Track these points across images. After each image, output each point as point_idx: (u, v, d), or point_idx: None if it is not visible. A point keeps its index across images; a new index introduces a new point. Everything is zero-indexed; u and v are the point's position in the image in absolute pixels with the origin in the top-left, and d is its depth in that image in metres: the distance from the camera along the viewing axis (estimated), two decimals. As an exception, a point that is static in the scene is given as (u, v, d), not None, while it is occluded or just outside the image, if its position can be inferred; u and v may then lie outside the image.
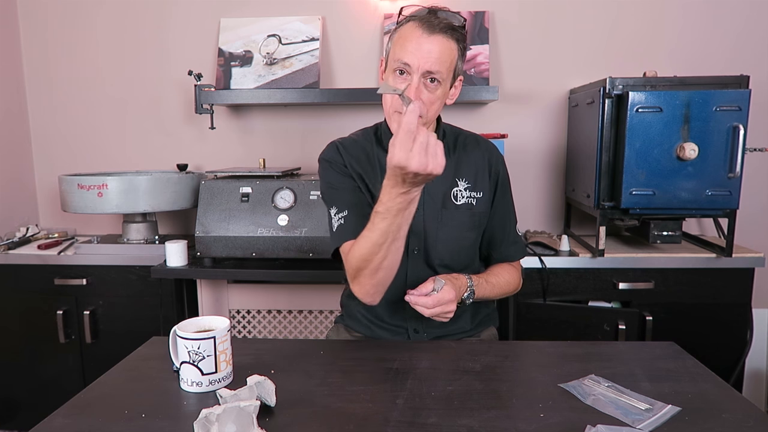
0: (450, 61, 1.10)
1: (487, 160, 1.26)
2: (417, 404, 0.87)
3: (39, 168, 2.41)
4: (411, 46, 1.07)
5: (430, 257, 1.21)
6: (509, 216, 1.31)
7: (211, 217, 1.85)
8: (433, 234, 1.20)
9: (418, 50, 1.07)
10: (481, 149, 1.27)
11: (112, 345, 1.99)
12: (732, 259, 1.81)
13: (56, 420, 0.83)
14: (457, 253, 1.23)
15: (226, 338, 0.94)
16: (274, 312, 2.03)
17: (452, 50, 1.10)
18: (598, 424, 0.79)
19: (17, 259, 2.00)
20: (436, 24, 1.08)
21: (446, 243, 1.21)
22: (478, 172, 1.25)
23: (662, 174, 1.70)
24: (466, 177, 1.24)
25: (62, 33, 2.30)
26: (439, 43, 1.07)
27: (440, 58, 1.08)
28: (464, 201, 1.23)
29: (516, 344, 1.28)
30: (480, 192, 1.24)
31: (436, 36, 1.07)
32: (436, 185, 1.21)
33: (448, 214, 1.22)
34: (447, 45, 1.08)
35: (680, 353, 1.08)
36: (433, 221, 1.21)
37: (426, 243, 1.20)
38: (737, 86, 1.73)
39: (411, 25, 1.09)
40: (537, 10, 2.18)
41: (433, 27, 1.07)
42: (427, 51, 1.07)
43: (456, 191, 1.23)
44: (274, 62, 2.17)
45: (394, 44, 1.12)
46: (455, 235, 1.22)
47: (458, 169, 1.24)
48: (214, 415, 0.74)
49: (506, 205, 1.30)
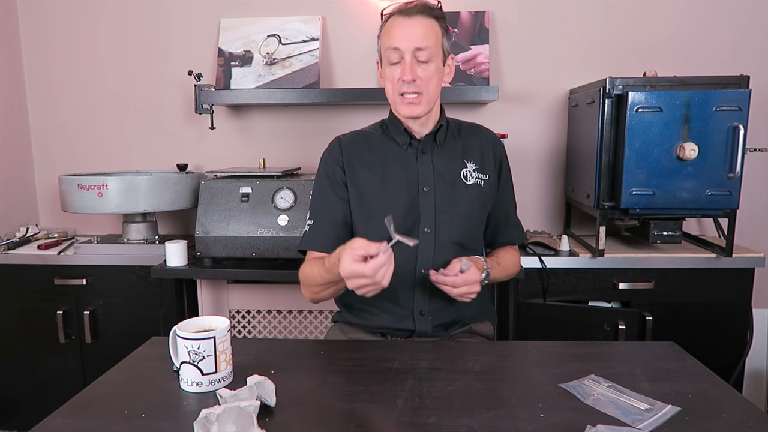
0: (435, 38, 1.19)
1: (491, 146, 1.33)
2: (417, 404, 0.87)
3: (39, 168, 2.41)
4: (396, 32, 1.18)
5: (441, 236, 1.25)
6: (512, 201, 1.40)
7: (211, 217, 1.85)
8: (445, 213, 1.25)
9: (402, 33, 1.17)
10: (484, 136, 1.35)
11: (112, 345, 1.99)
12: (732, 259, 1.81)
13: (56, 420, 0.83)
14: (468, 232, 1.28)
15: (226, 338, 0.94)
16: (274, 312, 2.03)
17: (434, 27, 1.19)
18: (598, 424, 0.79)
19: (17, 259, 2.00)
20: (413, 8, 1.18)
21: (459, 221, 1.26)
22: (484, 155, 1.31)
23: (662, 174, 1.70)
24: (473, 159, 1.30)
25: (62, 33, 2.30)
26: (420, 22, 1.17)
27: (425, 34, 1.17)
28: (474, 181, 1.28)
29: (516, 344, 1.29)
30: (486, 174, 1.30)
31: (415, 17, 1.18)
32: (447, 167, 1.27)
33: (459, 193, 1.26)
34: (428, 22, 1.18)
35: (680, 353, 1.08)
36: (444, 201, 1.25)
37: (437, 222, 1.24)
38: (737, 86, 1.73)
39: (393, 18, 1.21)
40: (537, 10, 2.18)
41: (411, 11, 1.18)
42: (410, 31, 1.17)
43: (465, 172, 1.28)
44: (274, 62, 2.17)
45: (382, 39, 1.22)
46: (467, 213, 1.27)
47: (465, 152, 1.30)
48: (214, 415, 0.74)
49: (509, 192, 1.38)
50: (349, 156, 1.28)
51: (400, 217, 1.22)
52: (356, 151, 1.29)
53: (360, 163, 1.27)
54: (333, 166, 1.29)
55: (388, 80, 1.22)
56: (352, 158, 1.28)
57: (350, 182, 1.27)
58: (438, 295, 1.22)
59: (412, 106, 1.20)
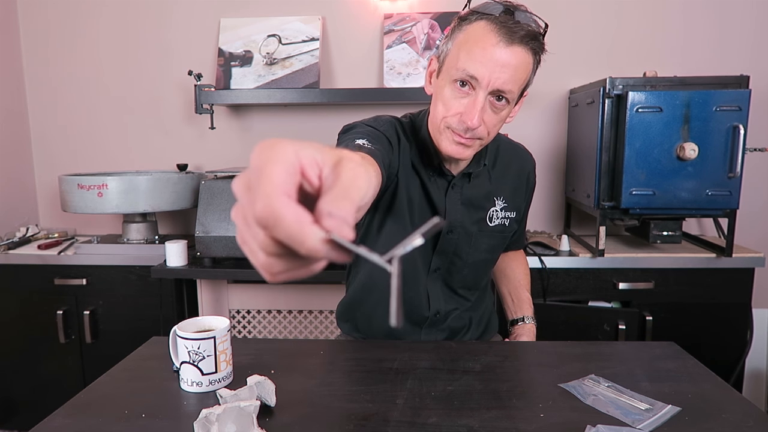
0: (524, 78, 0.94)
1: (526, 177, 1.19)
2: (417, 404, 0.87)
3: (39, 168, 2.41)
4: (482, 57, 0.89)
5: (452, 279, 1.15)
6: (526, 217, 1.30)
7: (211, 217, 1.85)
8: (462, 258, 1.12)
9: (490, 63, 0.89)
10: (521, 164, 1.18)
11: (112, 345, 1.99)
12: (732, 259, 1.81)
13: (56, 420, 0.83)
14: (481, 275, 1.19)
15: (226, 338, 0.93)
16: (274, 312, 2.03)
17: (529, 64, 0.93)
18: (598, 424, 0.79)
19: (17, 259, 2.00)
20: (516, 31, 0.89)
21: (474, 267, 1.15)
22: (516, 190, 1.17)
23: (662, 174, 1.70)
24: (503, 196, 1.14)
25: (62, 33, 2.30)
26: (517, 57, 0.90)
27: (515, 75, 0.91)
28: (498, 222, 1.14)
29: (516, 344, 1.28)
30: (514, 212, 1.16)
31: (515, 47, 0.89)
32: (475, 206, 1.11)
33: (481, 238, 1.13)
34: (525, 59, 0.91)
35: (680, 353, 1.08)
36: (465, 245, 1.12)
37: (452, 265, 1.13)
38: (737, 86, 1.73)
39: (483, 26, 0.90)
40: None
41: (513, 35, 0.89)
42: (501, 65, 0.89)
43: (492, 212, 1.13)
44: (274, 62, 2.17)
45: (459, 47, 0.92)
46: (484, 257, 1.16)
47: (496, 187, 1.14)
48: (214, 415, 0.74)
49: (527, 210, 1.27)
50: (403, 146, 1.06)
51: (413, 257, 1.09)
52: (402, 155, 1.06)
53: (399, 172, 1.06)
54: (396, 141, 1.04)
55: (443, 103, 0.95)
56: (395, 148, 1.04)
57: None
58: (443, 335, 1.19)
59: (460, 148, 0.97)
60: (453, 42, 0.94)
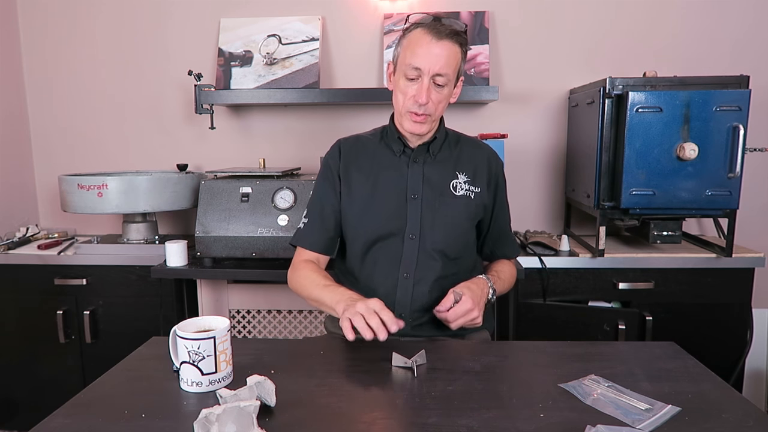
0: (455, 64, 1.22)
1: (486, 161, 1.36)
2: (417, 404, 0.87)
3: (39, 168, 2.41)
4: (421, 51, 1.18)
5: (425, 242, 1.28)
6: (508, 219, 1.44)
7: (211, 217, 1.85)
8: (429, 221, 1.28)
9: (427, 55, 1.18)
10: (481, 151, 1.38)
11: (112, 345, 1.99)
12: (732, 259, 1.81)
13: (56, 420, 0.83)
14: (452, 240, 1.30)
15: (226, 338, 0.94)
16: (274, 312, 2.03)
17: (457, 54, 1.21)
18: (598, 424, 0.79)
19: (17, 259, 1.99)
20: (443, 30, 1.18)
21: (442, 229, 1.28)
22: (477, 169, 1.34)
23: (662, 174, 1.70)
24: (465, 171, 1.33)
25: (62, 33, 2.30)
26: (447, 48, 1.19)
27: (447, 61, 1.19)
28: (463, 193, 1.31)
29: (516, 344, 1.29)
30: (478, 187, 1.32)
31: (444, 41, 1.18)
32: (437, 177, 1.30)
33: (446, 203, 1.29)
34: (453, 49, 1.20)
35: (680, 353, 1.08)
36: (430, 209, 1.28)
37: (422, 229, 1.28)
38: (737, 86, 1.73)
39: (419, 31, 1.20)
40: (537, 10, 2.18)
41: (440, 33, 1.18)
42: (435, 55, 1.18)
43: (456, 183, 1.31)
44: (274, 62, 2.17)
45: (404, 49, 1.22)
46: (451, 222, 1.29)
47: (458, 163, 1.33)
48: (214, 415, 0.74)
49: (506, 210, 1.42)
50: (347, 161, 1.34)
51: (387, 221, 1.28)
52: (354, 155, 1.34)
53: (355, 168, 1.33)
54: (330, 170, 1.34)
55: (401, 92, 1.25)
56: (349, 163, 1.33)
57: (344, 186, 1.32)
58: (419, 300, 1.25)
59: (418, 125, 1.25)
60: (401, 47, 1.24)
